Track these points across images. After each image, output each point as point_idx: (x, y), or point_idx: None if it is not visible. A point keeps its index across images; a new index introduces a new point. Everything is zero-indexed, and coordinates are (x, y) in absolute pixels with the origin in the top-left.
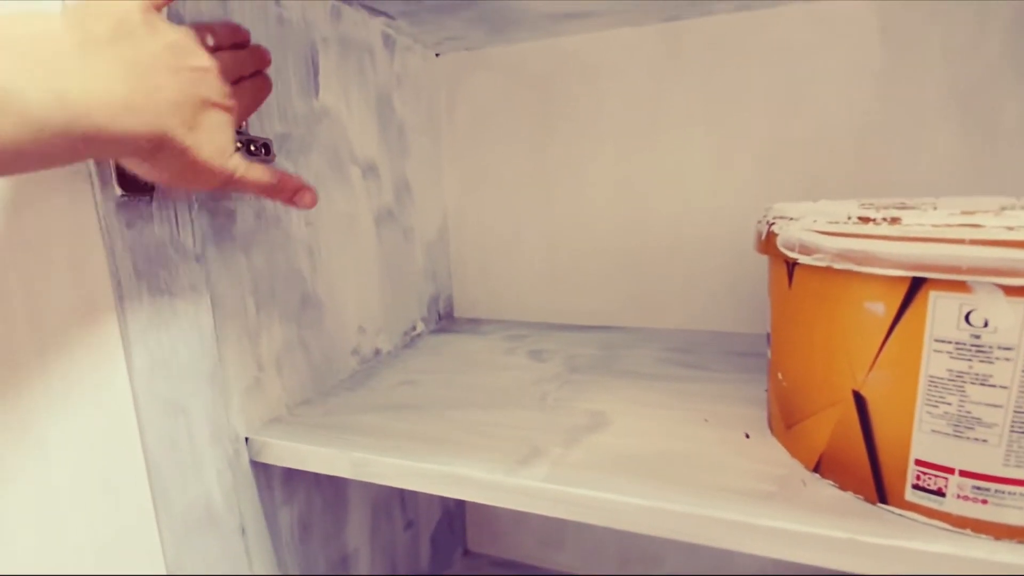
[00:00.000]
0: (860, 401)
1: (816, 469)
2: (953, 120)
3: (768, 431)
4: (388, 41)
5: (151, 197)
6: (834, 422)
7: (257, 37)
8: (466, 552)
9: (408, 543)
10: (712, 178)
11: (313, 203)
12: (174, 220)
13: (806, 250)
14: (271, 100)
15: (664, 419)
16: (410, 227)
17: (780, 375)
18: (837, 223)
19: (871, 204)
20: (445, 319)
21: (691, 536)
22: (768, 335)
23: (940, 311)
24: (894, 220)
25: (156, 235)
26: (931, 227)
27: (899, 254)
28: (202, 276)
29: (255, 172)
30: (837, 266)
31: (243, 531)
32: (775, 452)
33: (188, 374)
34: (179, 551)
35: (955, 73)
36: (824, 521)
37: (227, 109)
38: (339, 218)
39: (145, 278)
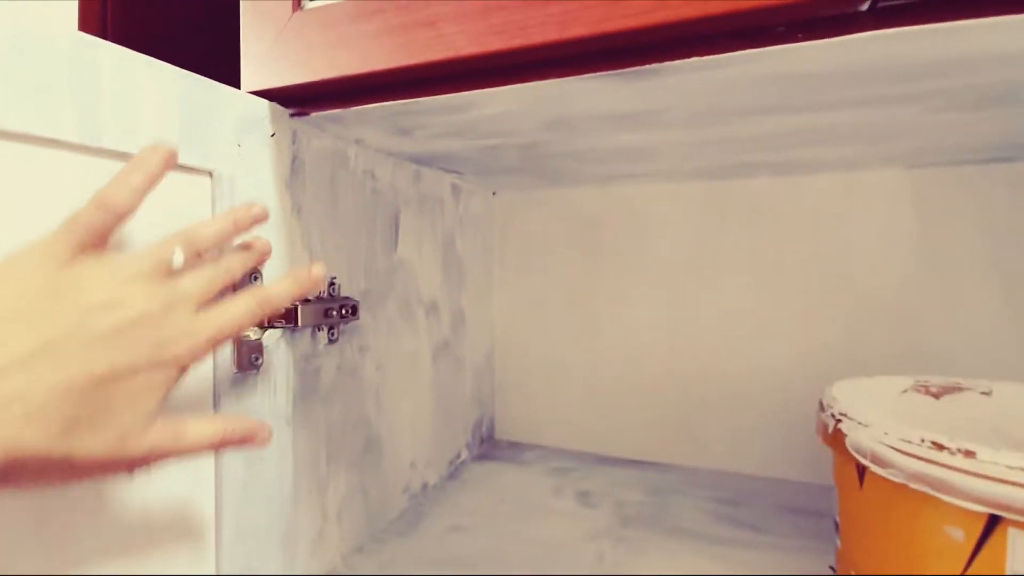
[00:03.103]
0: None
1: None
2: (993, 286)
3: None
4: (455, 190)
5: (258, 369)
6: None
7: (354, 209)
8: None
9: None
10: (756, 327)
11: (267, 441)
12: (274, 386)
13: (880, 462)
14: (359, 259)
15: None
16: (462, 356)
17: (853, 572)
18: (910, 443)
19: (925, 384)
20: (487, 442)
21: None
22: (836, 522)
23: (1020, 548)
24: (968, 453)
25: (258, 405)
26: (1006, 468)
27: (976, 490)
28: (289, 438)
29: (192, 433)
30: (913, 486)
31: None
32: None
33: (264, 539)
34: None
35: (992, 240)
36: None
37: (169, 365)
38: (404, 358)
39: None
